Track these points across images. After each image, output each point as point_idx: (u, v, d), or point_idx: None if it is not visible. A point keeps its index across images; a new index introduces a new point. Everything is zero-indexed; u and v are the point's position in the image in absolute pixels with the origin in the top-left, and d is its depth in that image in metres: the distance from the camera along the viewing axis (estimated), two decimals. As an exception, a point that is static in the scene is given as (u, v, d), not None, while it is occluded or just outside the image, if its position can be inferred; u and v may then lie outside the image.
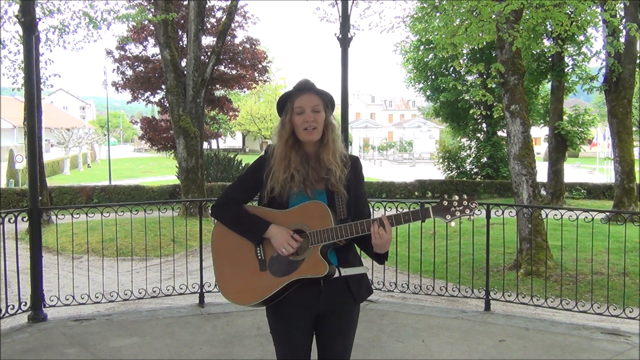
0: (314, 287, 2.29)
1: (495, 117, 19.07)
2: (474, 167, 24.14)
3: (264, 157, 2.41)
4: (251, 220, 2.32)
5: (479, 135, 24.40)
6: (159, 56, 15.63)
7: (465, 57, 21.25)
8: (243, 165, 22.92)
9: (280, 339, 2.36)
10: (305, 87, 2.33)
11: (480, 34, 8.23)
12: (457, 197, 2.23)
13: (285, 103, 2.35)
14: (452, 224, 2.24)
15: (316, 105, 2.30)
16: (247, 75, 21.68)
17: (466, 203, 2.23)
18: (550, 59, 18.31)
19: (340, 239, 2.23)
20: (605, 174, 28.92)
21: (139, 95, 21.42)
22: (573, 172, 30.30)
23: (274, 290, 2.26)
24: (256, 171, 2.40)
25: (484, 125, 24.32)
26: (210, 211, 2.57)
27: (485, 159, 23.52)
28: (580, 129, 18.49)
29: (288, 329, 2.33)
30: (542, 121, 22.83)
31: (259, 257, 2.31)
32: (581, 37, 15.82)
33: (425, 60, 22.65)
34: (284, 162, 2.30)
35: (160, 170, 35.25)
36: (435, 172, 25.83)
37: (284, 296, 2.29)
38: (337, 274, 2.29)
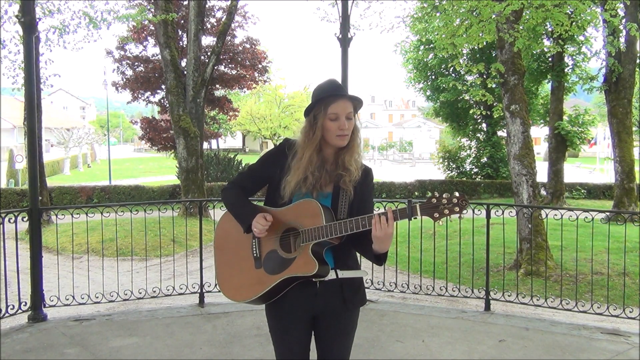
0: (311, 287, 2.29)
1: (495, 117, 19.09)
2: (474, 167, 24.13)
3: (279, 151, 2.36)
4: (245, 207, 2.34)
5: (479, 135, 24.40)
6: (159, 56, 15.64)
7: (465, 57, 21.22)
8: (243, 165, 22.91)
9: (279, 339, 2.37)
10: (339, 93, 2.28)
11: (481, 34, 8.23)
12: (447, 195, 2.12)
13: (314, 104, 2.28)
14: (441, 222, 2.14)
15: (350, 113, 2.27)
16: (247, 75, 21.69)
17: (456, 201, 2.10)
18: (550, 59, 18.32)
19: (330, 236, 2.19)
20: (605, 174, 28.90)
21: (139, 95, 21.44)
22: (573, 172, 30.26)
23: (267, 288, 2.26)
24: (270, 164, 2.37)
25: (484, 125, 24.31)
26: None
27: (485, 159, 23.52)
28: (580, 129, 18.49)
29: (286, 329, 2.34)
30: (542, 121, 22.84)
31: (255, 254, 2.32)
32: (581, 37, 15.84)
33: (425, 60, 22.65)
34: (305, 165, 2.26)
35: (160, 170, 35.24)
36: (435, 172, 25.82)
37: (281, 295, 2.29)
38: (333, 276, 2.29)
